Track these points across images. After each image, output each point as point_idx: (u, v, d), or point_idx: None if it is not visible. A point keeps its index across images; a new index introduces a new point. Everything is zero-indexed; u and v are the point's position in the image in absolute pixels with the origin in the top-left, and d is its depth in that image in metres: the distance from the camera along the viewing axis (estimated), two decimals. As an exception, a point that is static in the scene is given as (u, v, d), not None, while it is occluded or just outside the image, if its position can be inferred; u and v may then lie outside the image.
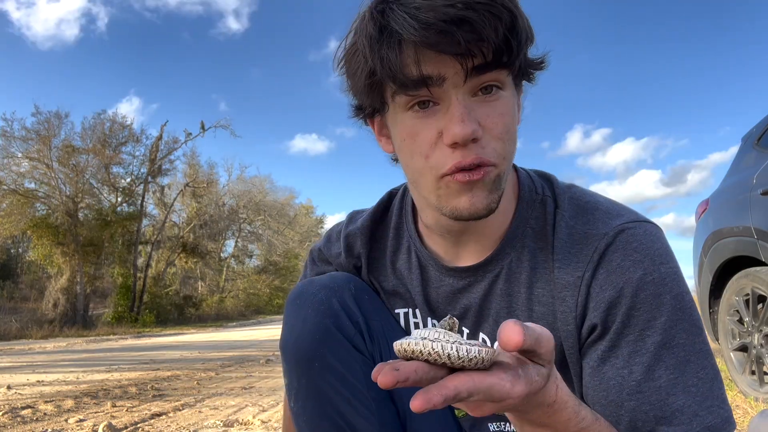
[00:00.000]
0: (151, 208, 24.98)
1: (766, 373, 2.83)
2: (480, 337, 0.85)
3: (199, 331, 17.49)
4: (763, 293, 2.77)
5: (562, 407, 0.57)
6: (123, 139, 22.46)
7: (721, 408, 0.68)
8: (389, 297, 0.94)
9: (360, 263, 0.96)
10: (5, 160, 19.69)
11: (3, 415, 3.10)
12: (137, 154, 23.01)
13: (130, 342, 12.36)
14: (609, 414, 0.69)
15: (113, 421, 2.87)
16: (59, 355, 8.53)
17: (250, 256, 33.83)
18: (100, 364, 6.48)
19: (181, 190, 25.47)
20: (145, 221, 24.07)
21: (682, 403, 0.67)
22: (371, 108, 0.78)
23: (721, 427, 0.67)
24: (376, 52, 0.67)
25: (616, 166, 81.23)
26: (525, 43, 0.68)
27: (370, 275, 0.95)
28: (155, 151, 22.88)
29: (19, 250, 27.29)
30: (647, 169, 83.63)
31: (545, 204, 0.81)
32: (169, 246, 25.41)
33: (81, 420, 2.99)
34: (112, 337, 14.78)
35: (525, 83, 0.79)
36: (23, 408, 3.35)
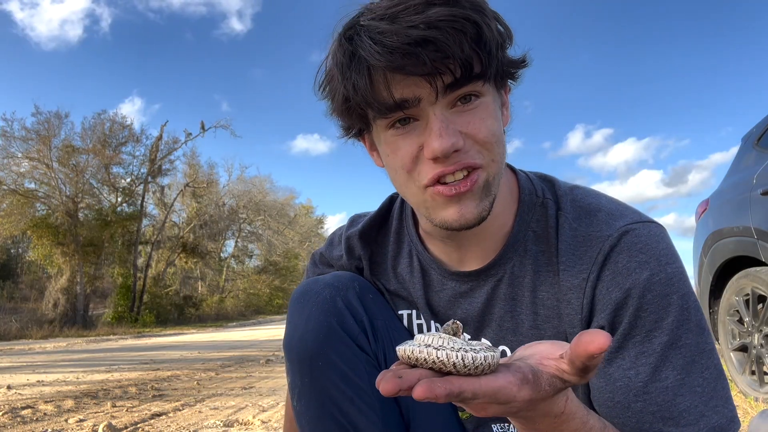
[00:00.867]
0: (151, 208, 25.03)
1: (766, 373, 2.83)
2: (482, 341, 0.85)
3: (199, 331, 17.49)
4: (763, 293, 2.77)
5: (570, 418, 0.57)
6: (123, 139, 22.49)
7: (726, 407, 0.68)
8: (393, 297, 0.94)
9: (361, 264, 0.96)
10: (5, 160, 19.72)
11: (3, 415, 3.09)
12: (137, 154, 23.08)
13: (130, 342, 12.36)
14: (616, 415, 0.69)
15: (113, 421, 2.87)
16: (59, 355, 8.53)
17: (250, 256, 33.87)
18: (100, 365, 6.48)
19: (181, 190, 25.47)
20: (145, 221, 24.09)
21: (688, 404, 0.67)
22: (357, 128, 0.79)
23: (727, 427, 0.67)
24: (349, 80, 0.68)
25: (617, 167, 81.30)
26: (497, 50, 0.67)
27: (372, 277, 0.95)
28: (155, 151, 22.89)
29: (19, 250, 27.30)
30: (648, 170, 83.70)
31: (546, 207, 0.81)
32: (169, 246, 25.41)
33: (81, 420, 2.99)
34: (112, 337, 14.78)
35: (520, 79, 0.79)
36: (23, 408, 3.35)
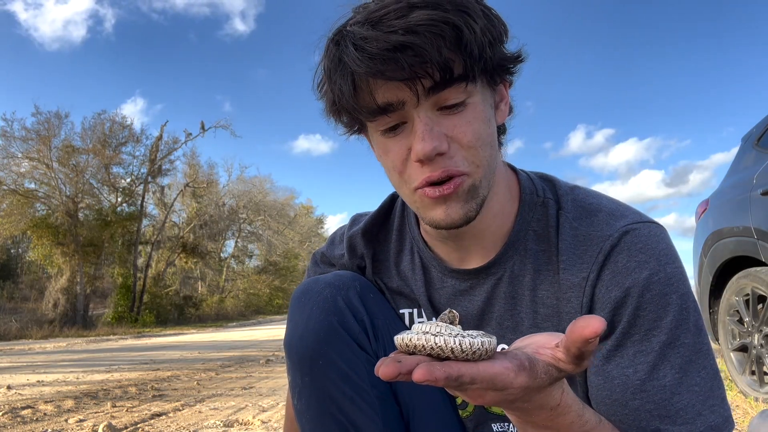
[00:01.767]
0: (151, 208, 25.03)
1: (766, 373, 2.83)
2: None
3: (199, 331, 17.49)
4: (763, 293, 2.77)
5: (565, 411, 0.58)
6: (123, 139, 22.49)
7: (722, 407, 0.69)
8: (394, 296, 0.94)
9: (364, 263, 0.96)
10: (5, 160, 19.72)
11: (3, 415, 3.10)
12: (137, 154, 23.08)
13: (130, 342, 12.36)
14: (614, 413, 0.70)
15: (113, 422, 2.87)
16: (59, 355, 8.53)
17: (250, 256, 33.87)
18: (100, 365, 6.48)
19: (181, 191, 25.47)
20: (145, 221, 24.10)
21: (686, 402, 0.67)
22: (356, 126, 0.81)
23: (723, 426, 0.68)
24: (336, 84, 0.71)
25: (618, 167, 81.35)
26: (482, 50, 0.67)
27: (374, 275, 0.96)
28: (155, 151, 22.89)
29: (19, 250, 27.32)
30: (650, 170, 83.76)
31: (547, 206, 0.81)
32: (169, 246, 25.41)
33: (81, 420, 2.99)
34: (112, 337, 14.78)
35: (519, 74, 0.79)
36: (23, 408, 3.35)
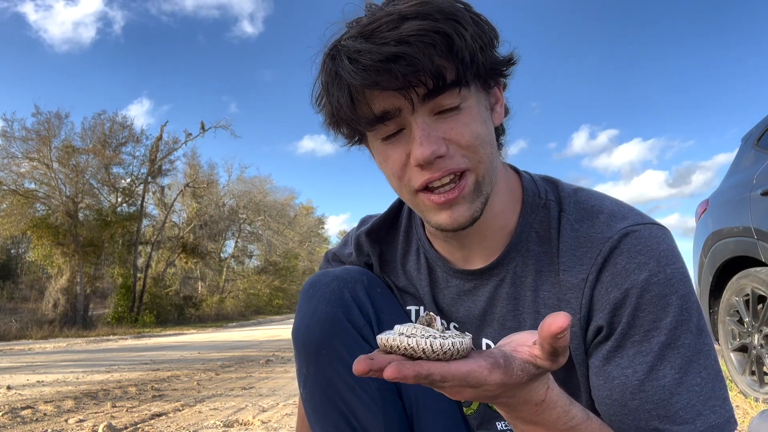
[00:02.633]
0: (151, 208, 25.04)
1: (766, 374, 2.83)
2: (483, 342, 0.86)
3: (199, 331, 17.50)
4: (763, 293, 2.77)
5: (550, 406, 0.60)
6: (123, 139, 22.50)
7: (723, 407, 0.68)
8: (401, 294, 0.96)
9: (370, 261, 0.99)
10: (5, 161, 19.72)
11: (3, 415, 3.10)
12: (137, 154, 23.08)
13: (130, 342, 12.36)
14: (614, 413, 0.70)
15: (113, 422, 2.87)
16: (59, 355, 8.53)
17: (250, 257, 33.87)
18: (100, 365, 6.48)
19: (181, 191, 25.47)
20: (145, 221, 24.09)
21: (685, 402, 0.67)
22: (356, 137, 0.82)
23: (724, 426, 0.68)
24: (333, 97, 0.73)
25: (621, 167, 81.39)
26: (474, 55, 0.69)
27: (382, 274, 0.98)
28: (155, 151, 22.90)
29: (19, 250, 27.32)
30: (653, 170, 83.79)
31: (549, 208, 0.82)
32: (169, 246, 25.41)
33: (81, 420, 2.99)
34: (112, 337, 14.78)
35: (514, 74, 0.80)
36: (23, 408, 3.35)
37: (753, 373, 2.91)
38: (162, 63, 42.93)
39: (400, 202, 1.00)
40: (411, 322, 0.93)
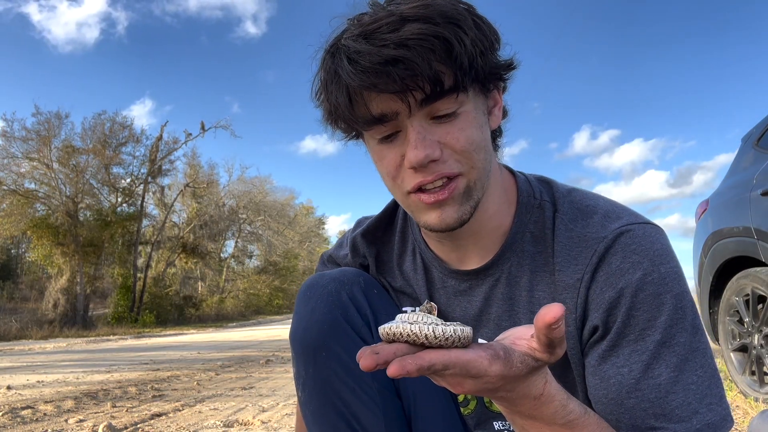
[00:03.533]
0: (151, 208, 25.04)
1: (766, 374, 2.83)
2: (478, 341, 0.85)
3: (199, 331, 17.49)
4: (763, 293, 2.77)
5: (548, 400, 0.60)
6: (123, 139, 22.50)
7: (720, 406, 0.69)
8: (398, 295, 0.96)
9: (366, 262, 0.99)
10: (6, 161, 19.72)
11: (3, 415, 3.10)
12: (137, 154, 23.08)
13: (130, 342, 12.36)
14: (610, 412, 0.70)
15: (113, 422, 2.87)
16: (59, 355, 8.54)
17: (250, 257, 33.86)
18: (100, 365, 6.48)
19: (182, 191, 25.47)
20: (145, 221, 24.09)
21: (681, 401, 0.67)
22: (354, 133, 0.82)
23: (720, 425, 0.68)
24: (332, 95, 0.73)
25: (622, 167, 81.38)
26: (473, 61, 0.68)
27: (378, 275, 0.98)
28: (155, 151, 22.90)
29: (19, 250, 27.33)
30: (655, 170, 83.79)
31: (543, 208, 0.82)
32: (169, 246, 25.41)
33: (81, 420, 2.99)
34: (112, 337, 14.78)
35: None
36: (23, 408, 3.35)
37: (753, 373, 2.91)
38: (165, 63, 43.17)
39: (395, 203, 1.00)
40: None
